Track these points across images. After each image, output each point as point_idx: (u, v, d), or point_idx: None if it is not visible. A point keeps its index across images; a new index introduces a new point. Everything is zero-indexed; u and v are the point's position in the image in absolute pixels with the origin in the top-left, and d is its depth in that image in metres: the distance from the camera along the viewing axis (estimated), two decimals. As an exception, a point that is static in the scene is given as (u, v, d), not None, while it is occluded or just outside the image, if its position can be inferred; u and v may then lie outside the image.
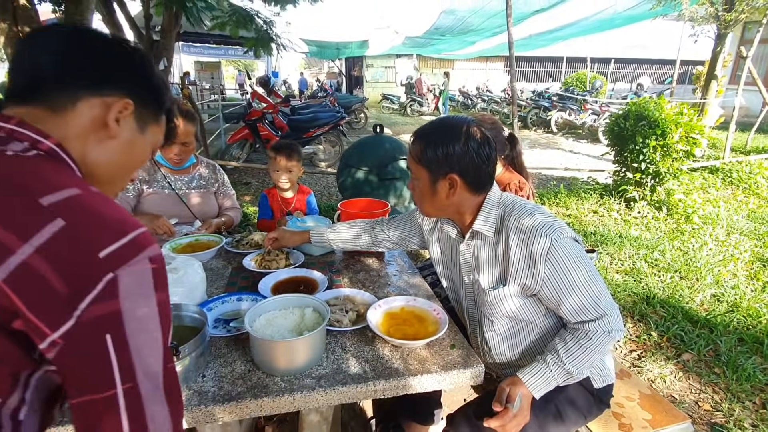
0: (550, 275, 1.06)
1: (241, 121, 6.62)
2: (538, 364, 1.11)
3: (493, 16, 9.51)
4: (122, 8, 8.54)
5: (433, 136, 1.11)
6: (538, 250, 1.05)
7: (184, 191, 1.99)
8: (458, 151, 1.08)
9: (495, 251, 1.16)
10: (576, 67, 19.61)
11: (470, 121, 1.12)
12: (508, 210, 1.14)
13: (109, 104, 0.61)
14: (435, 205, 1.17)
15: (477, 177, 1.11)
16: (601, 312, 1.08)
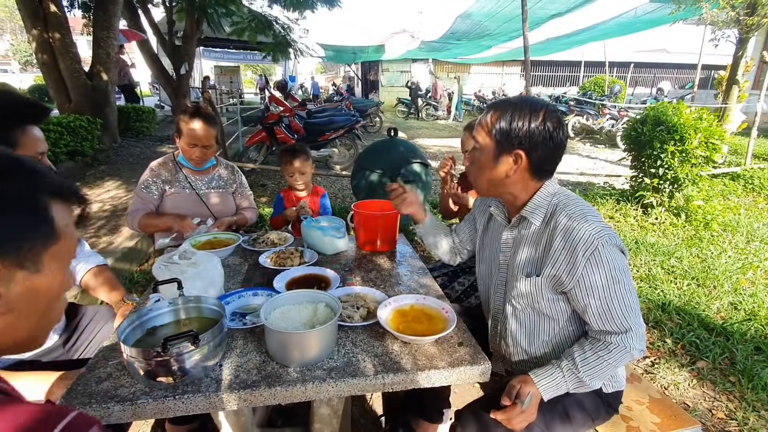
0: (587, 276, 1.05)
1: (259, 125, 6.75)
2: (552, 368, 1.12)
3: (509, 20, 9.50)
4: (146, 14, 8.83)
5: (511, 108, 1.09)
6: (581, 248, 1.04)
7: (203, 191, 2.07)
8: (532, 129, 1.06)
9: (538, 240, 1.15)
10: (594, 71, 19.35)
11: (550, 105, 1.11)
12: (561, 204, 1.13)
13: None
14: (491, 180, 1.16)
15: (543, 160, 1.10)
16: (626, 326, 1.07)
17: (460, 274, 1.97)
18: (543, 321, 1.21)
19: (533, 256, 1.16)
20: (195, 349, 0.93)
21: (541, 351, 1.24)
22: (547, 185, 1.15)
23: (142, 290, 2.81)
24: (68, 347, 1.36)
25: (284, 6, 8.31)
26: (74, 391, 0.94)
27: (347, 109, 9.18)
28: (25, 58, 33.08)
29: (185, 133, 1.92)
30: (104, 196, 4.76)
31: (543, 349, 1.24)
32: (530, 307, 1.19)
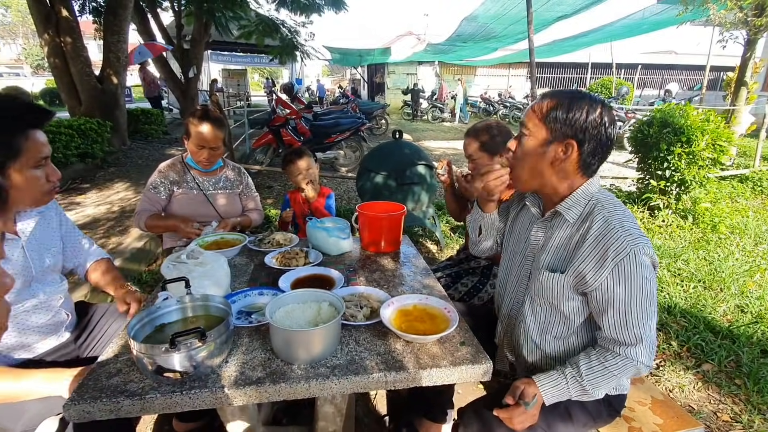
0: (611, 281, 1.03)
1: (265, 127, 6.82)
2: (555, 373, 1.11)
3: (515, 22, 9.49)
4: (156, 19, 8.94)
5: (569, 98, 1.08)
6: (612, 253, 1.02)
7: (211, 192, 2.11)
8: (590, 121, 1.05)
9: (570, 238, 1.13)
10: (601, 73, 19.26)
11: (604, 100, 1.10)
12: (600, 205, 1.10)
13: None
14: (534, 168, 1.14)
15: (592, 155, 1.09)
16: (638, 339, 1.05)
17: (463, 275, 1.98)
18: (559, 318, 1.20)
19: (561, 253, 1.14)
20: (202, 346, 0.95)
21: (552, 349, 1.24)
22: (589, 183, 1.13)
23: (150, 290, 2.85)
24: (79, 344, 1.39)
25: (291, 9, 8.38)
26: (85, 386, 0.97)
27: (353, 112, 9.23)
28: (37, 61, 33.63)
29: (193, 135, 1.96)
30: (113, 197, 4.84)
31: (554, 347, 1.23)
32: (548, 302, 1.18)
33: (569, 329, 1.19)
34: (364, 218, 1.84)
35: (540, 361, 1.26)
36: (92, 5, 8.38)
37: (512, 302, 1.33)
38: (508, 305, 1.35)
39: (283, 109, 6.87)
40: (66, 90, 6.70)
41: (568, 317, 1.17)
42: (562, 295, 1.14)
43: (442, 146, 9.98)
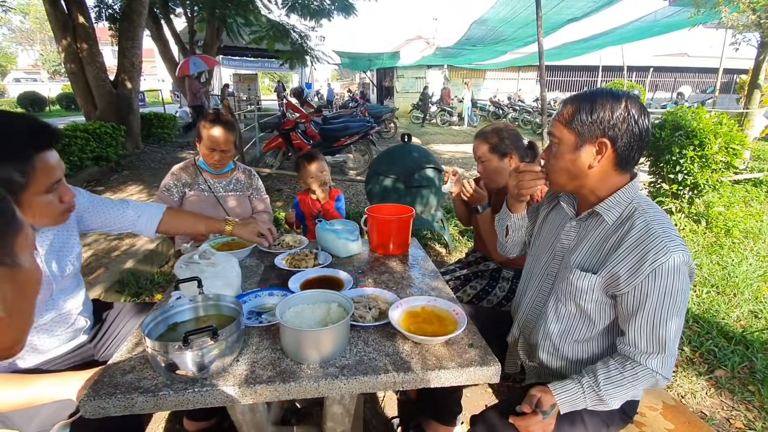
0: (646, 285, 1.01)
1: (276, 131, 6.88)
2: (571, 382, 1.09)
3: (524, 25, 9.47)
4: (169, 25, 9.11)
5: (589, 100, 1.07)
6: (652, 256, 1.00)
7: (221, 194, 2.15)
8: (616, 117, 1.04)
9: (605, 239, 1.11)
10: (612, 75, 19.10)
11: (629, 93, 1.09)
12: (641, 209, 1.08)
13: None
14: (570, 172, 1.13)
15: (628, 150, 1.06)
16: (660, 349, 1.03)
17: (472, 278, 1.99)
18: (582, 321, 1.18)
19: (595, 254, 1.13)
20: (214, 345, 0.97)
21: (571, 352, 1.22)
22: (629, 186, 1.11)
23: (162, 291, 2.90)
24: (95, 344, 1.42)
25: (301, 15, 8.48)
26: (100, 383, 0.99)
27: (362, 116, 9.28)
28: (54, 67, 34.40)
29: (205, 138, 2.00)
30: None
31: (573, 351, 1.22)
32: (575, 303, 1.16)
33: (591, 332, 1.18)
34: (373, 220, 1.85)
35: (556, 363, 1.25)
36: (108, 12, 8.57)
37: (533, 302, 1.32)
38: (528, 305, 1.34)
39: (293, 112, 6.94)
40: (82, 95, 6.85)
41: (592, 319, 1.16)
42: (591, 295, 1.12)
43: (450, 150, 9.98)
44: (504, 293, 1.85)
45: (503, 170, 1.82)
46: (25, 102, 17.03)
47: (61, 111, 18.28)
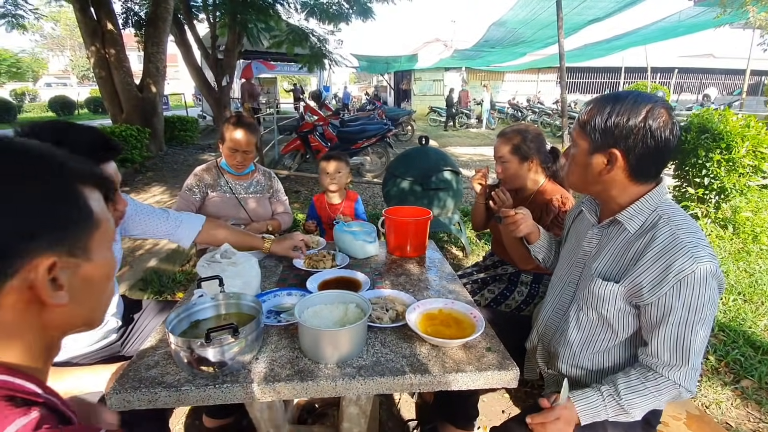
0: (670, 297, 0.98)
1: (294, 133, 6.97)
2: (591, 390, 1.06)
3: (544, 27, 9.37)
4: (192, 30, 9.33)
5: (611, 104, 1.01)
6: (677, 267, 0.96)
7: (242, 195, 2.20)
8: (630, 126, 0.98)
9: (627, 248, 1.08)
10: (635, 77, 18.68)
11: (660, 100, 1.01)
12: (666, 217, 1.03)
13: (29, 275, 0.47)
14: (583, 177, 1.11)
15: (643, 162, 1.01)
16: (683, 362, 0.99)
17: (490, 282, 1.97)
18: (604, 330, 1.15)
19: (617, 262, 1.10)
20: (234, 342, 0.99)
21: (591, 361, 1.20)
22: (653, 194, 1.06)
23: (184, 289, 2.97)
24: (123, 339, 1.47)
25: (320, 19, 8.57)
26: (126, 377, 1.03)
27: (379, 118, 9.31)
28: (83, 72, 35.66)
29: (228, 140, 2.07)
30: (150, 200, 5.06)
31: (593, 360, 1.19)
32: (596, 311, 1.14)
33: (613, 342, 1.15)
34: (390, 222, 1.86)
35: (576, 372, 1.23)
36: (134, 18, 8.84)
37: (555, 309, 1.31)
38: (549, 311, 1.33)
39: (312, 115, 7.02)
40: (109, 98, 7.08)
41: (614, 329, 1.13)
42: (612, 304, 1.09)
43: (468, 152, 9.92)
44: (522, 297, 1.83)
45: (522, 174, 1.79)
46: (56, 105, 17.70)
47: (89, 114, 18.93)
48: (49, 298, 0.48)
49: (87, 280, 0.53)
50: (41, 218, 0.47)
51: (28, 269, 0.46)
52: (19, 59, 23.70)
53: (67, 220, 0.50)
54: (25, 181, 0.47)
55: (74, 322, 0.55)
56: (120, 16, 8.04)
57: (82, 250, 0.52)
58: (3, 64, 21.16)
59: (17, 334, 0.49)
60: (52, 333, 0.53)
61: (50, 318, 0.51)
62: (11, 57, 22.30)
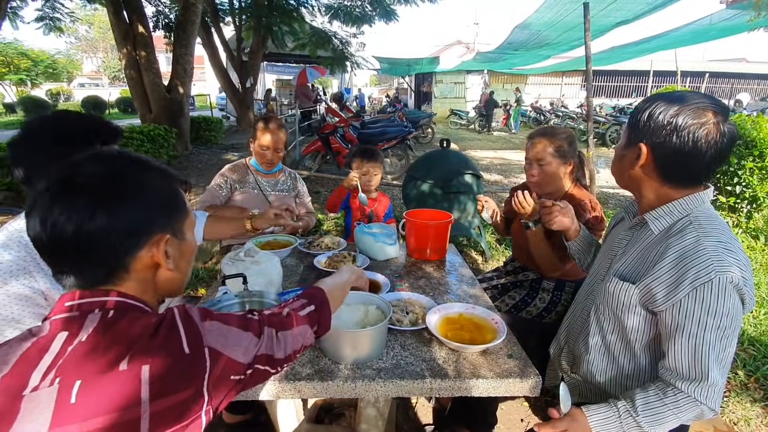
0: (684, 306, 0.94)
1: (315, 134, 7.05)
2: (606, 406, 1.00)
3: (570, 29, 9.19)
4: (219, 33, 9.57)
5: (653, 100, 1.00)
6: (692, 275, 0.92)
7: (269, 192, 2.26)
8: (659, 123, 0.96)
9: (650, 249, 1.05)
10: (664, 81, 18.15)
11: (715, 102, 0.96)
12: (697, 223, 0.99)
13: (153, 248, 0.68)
14: (617, 169, 1.13)
15: (674, 163, 0.98)
16: (705, 377, 0.93)
17: (510, 287, 1.94)
18: (622, 334, 1.11)
19: (637, 263, 1.07)
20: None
21: (611, 369, 1.16)
22: (689, 198, 1.01)
23: (206, 286, 3.03)
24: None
25: (344, 21, 8.66)
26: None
27: (400, 120, 9.32)
28: (114, 73, 36.94)
29: (260, 138, 2.16)
30: (175, 198, 5.19)
31: (613, 368, 1.16)
32: (613, 313, 1.11)
33: (632, 347, 1.11)
34: (411, 225, 1.86)
35: (598, 379, 1.20)
36: (164, 21, 9.12)
37: (581, 310, 1.29)
38: (576, 312, 1.31)
39: (333, 117, 7.08)
40: (138, 99, 7.32)
41: (627, 332, 1.09)
42: (627, 307, 1.06)
43: (489, 155, 9.82)
44: (544, 305, 1.80)
45: (560, 177, 1.73)
46: (89, 105, 18.39)
47: (119, 114, 19.59)
48: (164, 263, 0.69)
49: (182, 254, 0.74)
50: (160, 209, 0.68)
51: (152, 243, 0.67)
52: (55, 61, 24.72)
53: (172, 210, 0.71)
54: (150, 183, 0.68)
55: (172, 284, 0.75)
56: (151, 19, 8.32)
57: (180, 232, 0.73)
58: (40, 66, 22.10)
59: (141, 290, 0.69)
60: (159, 290, 0.73)
61: (160, 279, 0.72)
62: (48, 58, 23.28)
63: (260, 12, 7.91)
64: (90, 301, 0.64)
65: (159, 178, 0.69)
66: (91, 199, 0.61)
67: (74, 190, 0.61)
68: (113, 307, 0.64)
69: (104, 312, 0.63)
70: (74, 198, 0.60)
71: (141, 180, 0.66)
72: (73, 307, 0.63)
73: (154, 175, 0.69)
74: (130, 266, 0.66)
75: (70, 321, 0.62)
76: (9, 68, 20.28)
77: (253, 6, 8.30)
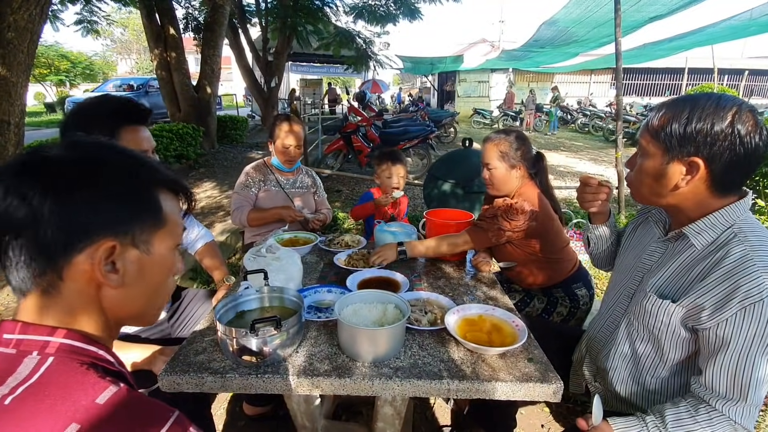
0: (732, 324, 0.89)
1: (337, 133, 7.11)
2: (635, 420, 0.98)
3: (599, 25, 8.93)
4: (245, 34, 9.76)
5: (689, 107, 0.92)
6: (743, 292, 0.87)
7: (289, 190, 2.31)
8: (716, 132, 0.88)
9: (692, 266, 0.99)
10: (700, 79, 17.43)
11: (745, 103, 0.92)
12: (742, 235, 0.93)
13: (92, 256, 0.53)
14: (655, 189, 1.01)
15: (727, 172, 0.91)
16: (741, 397, 0.89)
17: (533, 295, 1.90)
18: (654, 350, 1.07)
19: (678, 281, 1.01)
20: (277, 334, 1.02)
21: (639, 382, 1.12)
22: (732, 208, 0.95)
23: (229, 281, 3.10)
24: (172, 323, 1.56)
25: (368, 20, 8.69)
26: (176, 360, 1.08)
27: (422, 120, 9.29)
28: (146, 74, 38.29)
29: (280, 137, 2.21)
30: (202, 195, 5.33)
31: (642, 381, 1.12)
32: (648, 330, 1.06)
33: (663, 364, 1.07)
34: (431, 224, 1.84)
35: (623, 391, 1.16)
36: (194, 23, 9.38)
37: (606, 321, 1.25)
38: (599, 323, 1.27)
39: (355, 116, 7.11)
40: (168, 98, 7.55)
41: (663, 351, 1.05)
42: (666, 325, 1.01)
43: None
44: (543, 305, 1.79)
45: (510, 179, 1.76)
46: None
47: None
48: (102, 276, 0.54)
49: (142, 271, 0.59)
50: (111, 209, 0.54)
51: (93, 248, 0.53)
52: (92, 62, 25.85)
53: (134, 215, 0.57)
54: (113, 175, 0.56)
55: (126, 309, 0.60)
56: (180, 21, 8.55)
57: (144, 244, 0.58)
58: (78, 67, 23.16)
59: (84, 305, 0.56)
60: (109, 316, 0.59)
61: (106, 298, 0.57)
62: (85, 60, 24.36)
63: (285, 13, 8.03)
64: (30, 339, 0.52)
65: (130, 172, 0.57)
66: (33, 182, 0.51)
67: (23, 173, 0.52)
68: (55, 353, 0.51)
69: (42, 358, 0.50)
70: (20, 180, 0.51)
71: (101, 169, 0.55)
72: (11, 342, 0.52)
73: (124, 168, 0.57)
74: (63, 272, 0.53)
75: (1, 362, 0.50)
76: (50, 69, 21.31)
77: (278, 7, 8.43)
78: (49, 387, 0.48)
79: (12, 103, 3.30)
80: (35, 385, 0.48)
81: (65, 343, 0.52)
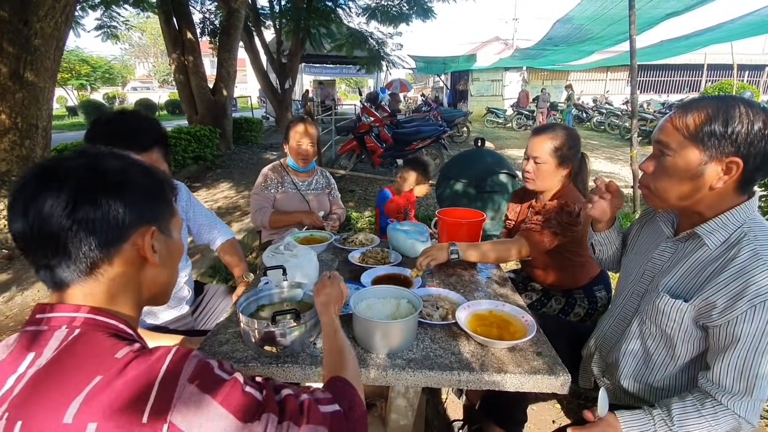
0: (741, 322, 0.90)
1: (351, 134, 7.17)
2: (641, 413, 1.00)
3: (615, 22, 8.81)
4: (260, 36, 9.91)
5: (723, 108, 0.92)
6: (753, 291, 0.89)
7: (305, 190, 2.37)
8: (755, 132, 0.89)
9: (705, 266, 1.00)
10: (719, 75, 17.02)
11: (756, 103, 0.95)
12: (752, 234, 0.95)
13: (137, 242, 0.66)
14: (683, 191, 0.99)
15: (757, 171, 0.93)
16: (746, 392, 0.92)
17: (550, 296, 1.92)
18: (665, 348, 1.09)
19: (690, 280, 1.02)
20: (296, 326, 1.08)
21: (649, 379, 1.15)
22: (742, 207, 0.98)
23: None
24: (195, 317, 1.64)
25: (381, 21, 8.75)
26: (202, 350, 1.15)
27: (435, 120, 9.30)
28: (163, 77, 39.06)
29: (294, 139, 2.28)
30: (218, 195, 5.46)
31: (651, 378, 1.14)
32: (660, 329, 1.08)
33: (674, 362, 1.09)
34: (443, 223, 1.88)
35: (632, 387, 1.19)
36: (210, 27, 9.57)
37: (616, 320, 1.27)
38: (609, 321, 1.29)
39: (368, 116, 7.17)
40: (186, 101, 7.73)
41: (675, 349, 1.07)
42: (679, 324, 1.02)
43: (526, 155, 9.59)
44: (561, 306, 1.80)
45: (555, 177, 1.72)
46: (141, 107, 19.63)
47: (167, 116, 20.75)
48: (150, 255, 0.68)
49: (169, 250, 0.74)
50: (145, 201, 0.68)
51: (137, 236, 0.66)
52: (111, 66, 26.50)
53: (159, 204, 0.71)
54: (134, 176, 0.68)
55: (158, 286, 0.74)
56: (197, 25, 8.75)
57: (167, 229, 0.73)
58: (98, 71, 23.79)
59: (124, 287, 0.68)
60: (143, 293, 0.72)
61: (146, 277, 0.70)
62: (105, 64, 25.00)
63: (299, 15, 8.15)
64: (59, 316, 0.61)
65: (143, 173, 0.69)
66: (73, 190, 0.59)
67: (57, 181, 0.60)
68: (81, 325, 0.60)
69: (70, 330, 0.59)
70: (58, 190, 0.59)
71: (124, 172, 0.66)
72: (43, 320, 0.61)
73: (137, 170, 0.69)
74: (114, 259, 0.64)
75: (37, 338, 0.58)
76: (71, 74, 21.93)
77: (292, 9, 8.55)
78: (76, 350, 0.57)
79: (40, 107, 3.45)
80: (66, 349, 0.57)
81: (89, 317, 0.62)
